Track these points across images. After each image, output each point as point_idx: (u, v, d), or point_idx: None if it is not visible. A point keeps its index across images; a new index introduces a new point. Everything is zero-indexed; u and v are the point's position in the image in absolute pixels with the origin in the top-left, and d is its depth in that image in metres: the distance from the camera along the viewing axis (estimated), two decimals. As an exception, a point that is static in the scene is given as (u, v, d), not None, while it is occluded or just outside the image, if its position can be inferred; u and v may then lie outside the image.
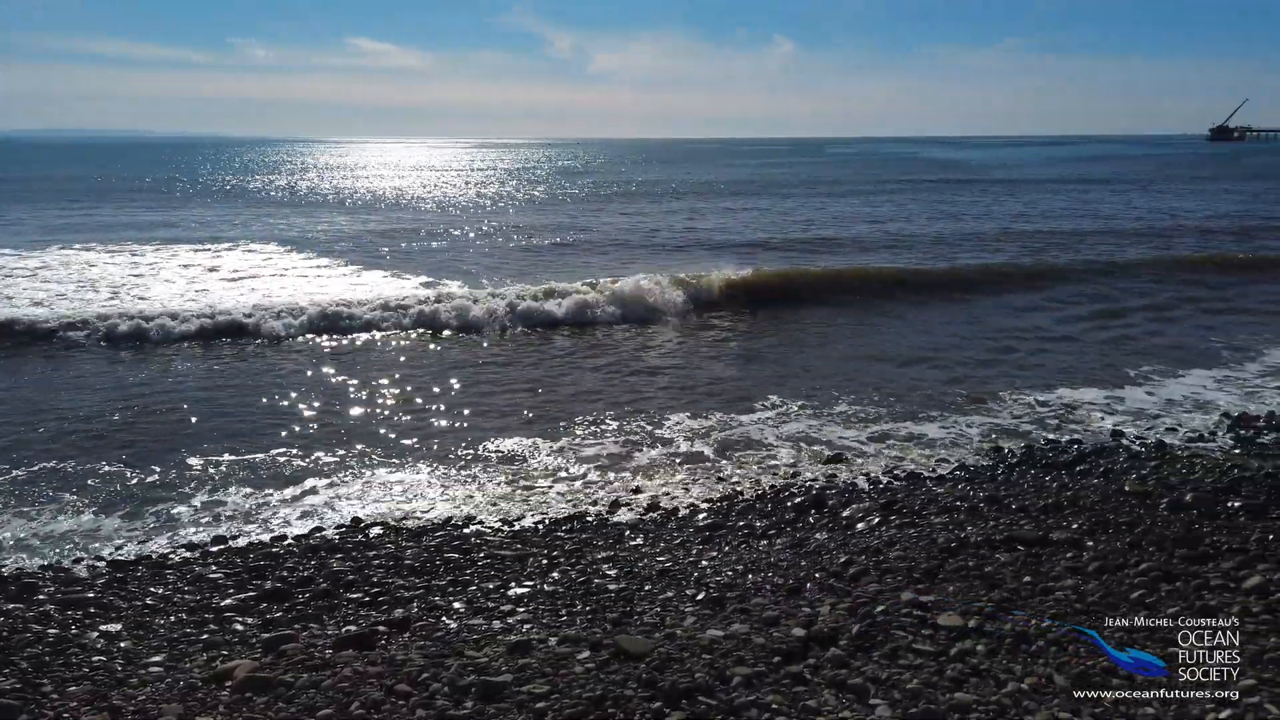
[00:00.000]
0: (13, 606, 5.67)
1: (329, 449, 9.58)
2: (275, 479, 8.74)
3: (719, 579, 5.66)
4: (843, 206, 40.89)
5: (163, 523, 7.74)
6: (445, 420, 10.77)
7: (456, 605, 5.61)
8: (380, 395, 11.85)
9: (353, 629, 5.18)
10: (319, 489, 8.53)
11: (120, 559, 6.89)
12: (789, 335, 15.81)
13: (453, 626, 5.09)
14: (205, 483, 8.62)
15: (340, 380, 12.63)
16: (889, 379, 12.37)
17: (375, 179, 72.54)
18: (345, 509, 8.01)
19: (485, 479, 8.77)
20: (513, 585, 5.97)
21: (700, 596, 5.28)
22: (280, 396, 11.74)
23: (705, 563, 6.13)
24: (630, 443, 9.79)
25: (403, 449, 9.66)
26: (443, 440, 9.95)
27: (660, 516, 7.63)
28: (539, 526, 7.50)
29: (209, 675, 4.44)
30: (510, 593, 5.82)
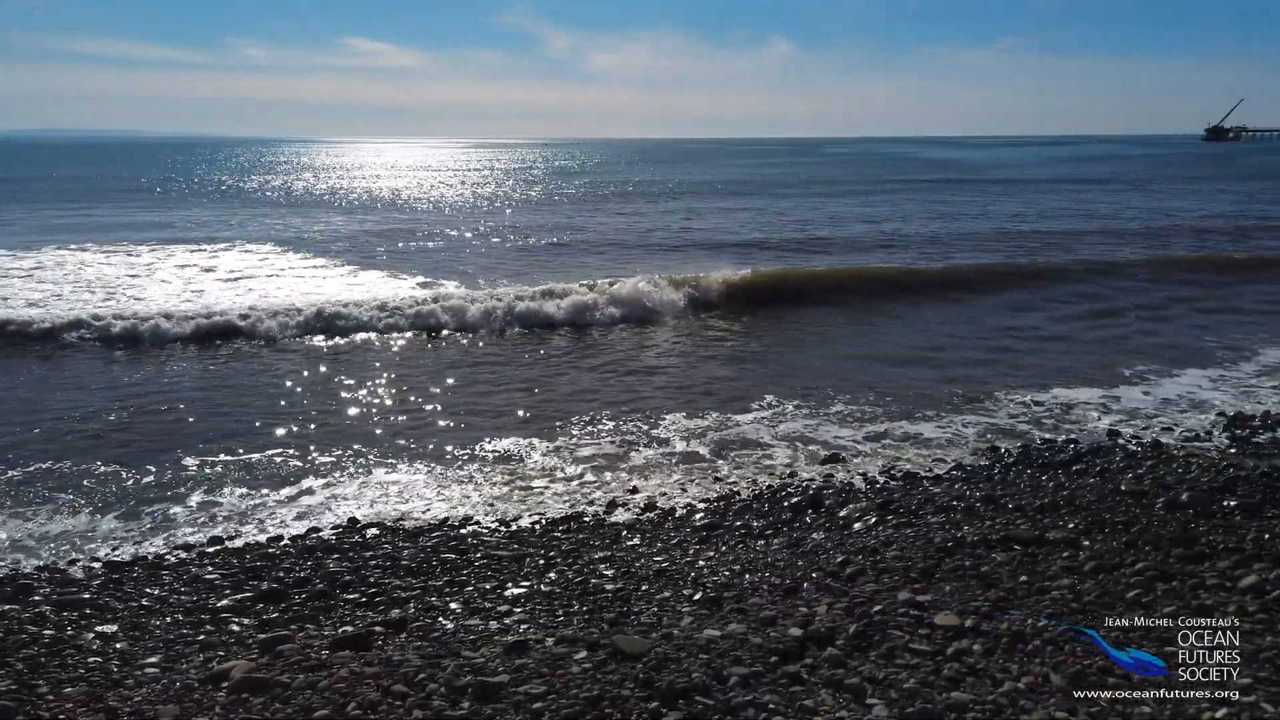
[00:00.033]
0: (8, 608, 5.66)
1: (325, 449, 9.57)
2: (271, 479, 8.73)
3: (716, 579, 5.65)
4: (839, 206, 40.91)
5: (159, 523, 7.72)
6: (442, 420, 10.76)
7: (453, 606, 5.60)
8: (376, 396, 11.84)
9: (349, 629, 5.17)
10: (315, 489, 8.52)
11: (116, 560, 6.87)
12: (785, 335, 15.82)
13: (449, 627, 5.08)
14: (201, 483, 8.61)
15: (336, 381, 12.61)
16: (885, 378, 12.37)
17: (372, 179, 72.46)
18: (341, 509, 8.01)
19: (482, 479, 8.76)
20: (509, 585, 5.96)
21: (697, 596, 5.28)
22: (276, 397, 11.72)
23: (702, 563, 6.13)
24: (627, 443, 9.78)
25: (399, 449, 9.65)
26: (439, 441, 9.94)
27: (657, 516, 7.63)
28: (536, 527, 7.49)
29: (205, 676, 4.43)
30: (507, 593, 5.81)
